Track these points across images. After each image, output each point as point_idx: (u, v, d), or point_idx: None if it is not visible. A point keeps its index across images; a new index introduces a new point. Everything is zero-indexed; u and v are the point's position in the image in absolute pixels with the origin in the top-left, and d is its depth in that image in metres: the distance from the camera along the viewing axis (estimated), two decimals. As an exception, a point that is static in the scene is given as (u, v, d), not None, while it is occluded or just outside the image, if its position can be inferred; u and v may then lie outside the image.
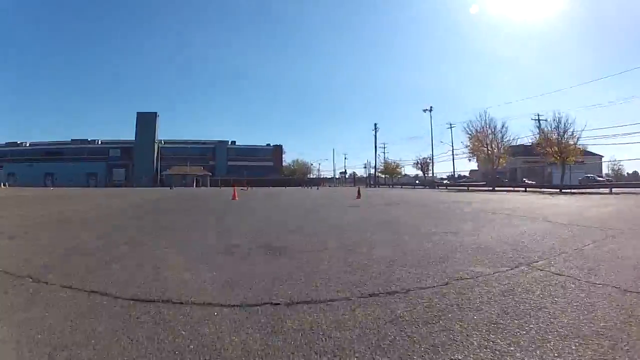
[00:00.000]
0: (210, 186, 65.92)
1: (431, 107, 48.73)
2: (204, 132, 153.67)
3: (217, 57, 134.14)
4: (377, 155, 65.08)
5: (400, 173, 68.37)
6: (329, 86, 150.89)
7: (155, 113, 75.11)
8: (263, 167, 77.16)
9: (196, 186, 63.14)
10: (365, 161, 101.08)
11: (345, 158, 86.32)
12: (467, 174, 58.00)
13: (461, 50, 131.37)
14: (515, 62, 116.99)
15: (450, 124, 48.30)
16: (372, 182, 67.07)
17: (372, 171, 71.47)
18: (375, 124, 64.64)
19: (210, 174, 68.91)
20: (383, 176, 70.24)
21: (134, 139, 71.41)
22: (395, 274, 3.29)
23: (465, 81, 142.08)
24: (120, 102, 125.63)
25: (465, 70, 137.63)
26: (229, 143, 79.19)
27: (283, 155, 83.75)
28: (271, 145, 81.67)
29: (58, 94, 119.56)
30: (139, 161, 68.06)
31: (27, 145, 75.48)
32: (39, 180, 60.05)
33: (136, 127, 71.71)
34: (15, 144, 74.30)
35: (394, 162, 66.80)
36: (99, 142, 75.48)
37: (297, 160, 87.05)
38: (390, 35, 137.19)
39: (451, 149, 46.25)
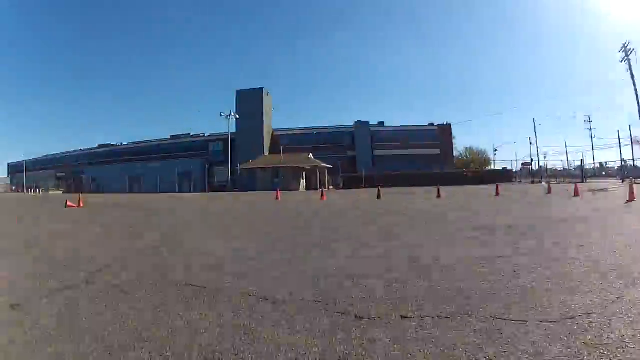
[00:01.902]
0: (345, 187, 38.80)
1: None
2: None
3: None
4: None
5: None
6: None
7: (262, 89, 51.59)
8: (425, 157, 47.73)
9: (307, 188, 36.75)
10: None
11: (531, 143, 48.46)
12: None
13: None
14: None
15: None
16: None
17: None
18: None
19: (329, 166, 41.28)
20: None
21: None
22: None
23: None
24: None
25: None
26: (376, 124, 51.68)
27: (453, 141, 52.86)
28: (434, 124, 51.46)
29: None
30: (244, 156, 44.05)
31: (123, 145, 61.81)
32: (124, 185, 48.35)
33: (236, 109, 48.27)
34: (108, 145, 62.33)
35: None
36: (204, 136, 55.15)
37: (471, 147, 55.61)
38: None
39: None
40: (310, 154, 41.49)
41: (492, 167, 52.71)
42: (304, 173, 39.28)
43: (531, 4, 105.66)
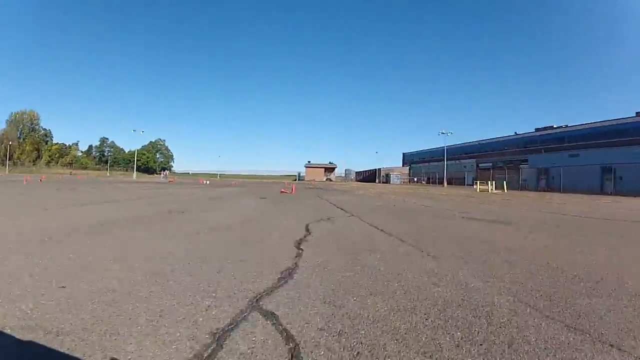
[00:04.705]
0: None
1: None
2: None
3: None
4: None
5: None
6: None
7: None
8: None
9: None
10: None
11: None
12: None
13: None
14: None
15: None
16: None
17: None
18: None
19: None
20: None
21: None
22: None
23: None
24: None
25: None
26: None
27: None
28: None
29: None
30: None
31: (570, 126, 46.28)
32: (593, 181, 31.85)
33: None
34: (550, 128, 49.37)
35: None
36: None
37: None
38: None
39: None
40: None
41: None
42: None
43: None
